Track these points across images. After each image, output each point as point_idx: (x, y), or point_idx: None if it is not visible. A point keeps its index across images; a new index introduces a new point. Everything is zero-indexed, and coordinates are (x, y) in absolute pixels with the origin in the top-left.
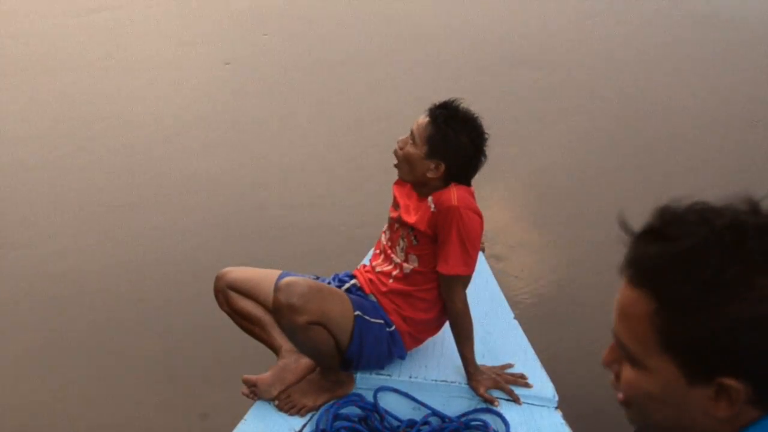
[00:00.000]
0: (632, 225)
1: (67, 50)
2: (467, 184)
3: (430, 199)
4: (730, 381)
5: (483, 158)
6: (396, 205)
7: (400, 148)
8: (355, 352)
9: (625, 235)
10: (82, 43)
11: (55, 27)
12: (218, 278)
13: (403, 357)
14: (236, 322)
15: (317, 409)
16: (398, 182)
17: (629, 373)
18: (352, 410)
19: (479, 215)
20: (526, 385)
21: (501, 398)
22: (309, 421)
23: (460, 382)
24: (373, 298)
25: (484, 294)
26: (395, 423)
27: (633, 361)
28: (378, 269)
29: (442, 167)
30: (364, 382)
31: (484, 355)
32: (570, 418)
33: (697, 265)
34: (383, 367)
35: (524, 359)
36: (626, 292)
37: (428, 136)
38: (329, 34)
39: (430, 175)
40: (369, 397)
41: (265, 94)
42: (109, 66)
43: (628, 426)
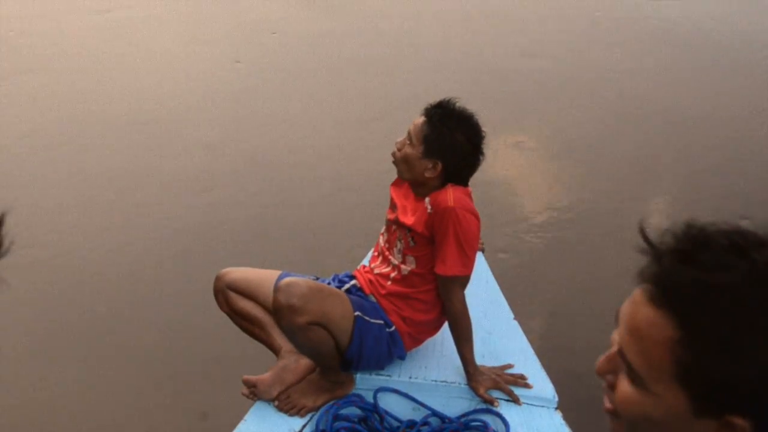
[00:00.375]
0: (653, 236)
1: (82, 48)
2: (465, 183)
3: (427, 200)
4: (738, 420)
5: (481, 156)
6: (393, 207)
7: (398, 149)
8: (355, 353)
9: (644, 245)
10: (97, 40)
11: (71, 25)
12: (218, 278)
13: (402, 357)
14: (236, 322)
15: (317, 409)
16: (395, 184)
17: (627, 390)
18: (351, 411)
19: (476, 216)
20: (526, 386)
21: (501, 399)
22: (309, 421)
23: (459, 383)
24: (373, 299)
25: (484, 294)
26: (395, 423)
27: (636, 380)
28: (376, 271)
29: (439, 166)
30: (364, 383)
31: (483, 355)
32: (570, 418)
33: (737, 304)
34: (383, 368)
35: (524, 360)
36: (645, 310)
37: (424, 136)
38: (337, 32)
39: (428, 174)
40: (369, 397)
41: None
42: (122, 64)
43: None
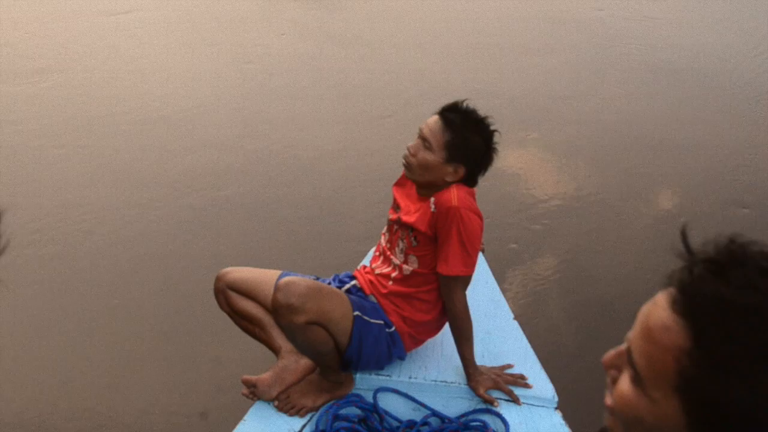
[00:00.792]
0: (693, 243)
1: (96, 48)
2: (476, 183)
3: (432, 199)
4: None
5: (494, 155)
6: (396, 207)
7: (413, 154)
8: (355, 353)
9: (682, 250)
10: (111, 42)
11: (86, 26)
12: (218, 278)
13: (402, 358)
14: (236, 322)
15: (317, 409)
16: (398, 183)
17: (627, 388)
18: (351, 411)
19: (479, 216)
20: (526, 386)
21: (501, 399)
22: (309, 421)
23: (459, 383)
24: (374, 299)
25: (484, 295)
26: (395, 423)
27: (637, 381)
28: (377, 271)
29: (461, 170)
30: (364, 383)
31: (483, 355)
32: (570, 418)
33: (754, 329)
34: (383, 368)
35: (524, 360)
36: (662, 313)
37: (446, 142)
38: (347, 32)
39: (449, 179)
40: (369, 397)
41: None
42: (134, 64)
43: None
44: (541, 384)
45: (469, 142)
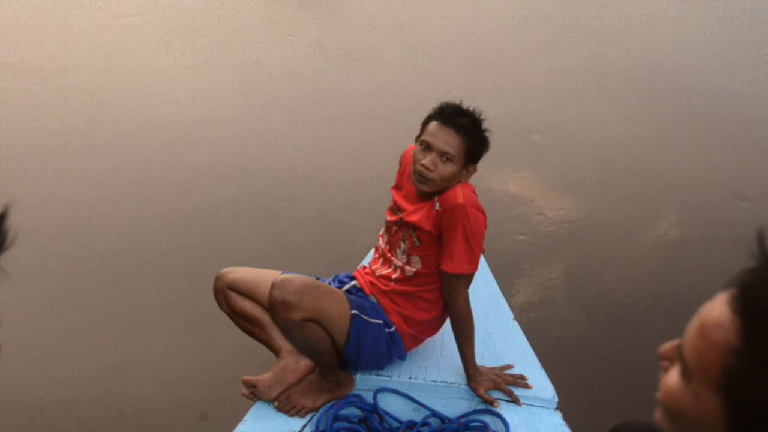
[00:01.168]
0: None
1: (109, 49)
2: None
3: (436, 198)
4: None
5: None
6: (395, 209)
7: (431, 170)
8: (353, 352)
9: (756, 253)
10: (124, 43)
11: (98, 28)
12: (218, 278)
13: (403, 358)
14: (236, 322)
15: (317, 410)
16: (396, 186)
17: (674, 381)
18: (351, 411)
19: (483, 213)
20: (526, 386)
21: (501, 399)
22: (309, 422)
23: (459, 383)
24: (374, 299)
25: (484, 295)
26: (395, 424)
27: (684, 375)
28: (378, 273)
29: (473, 168)
30: (364, 383)
31: (483, 356)
32: (570, 419)
33: None
34: (383, 368)
35: (524, 360)
36: (718, 309)
37: (466, 149)
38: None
39: (463, 179)
40: (369, 398)
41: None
42: (145, 64)
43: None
44: (541, 384)
45: (483, 142)
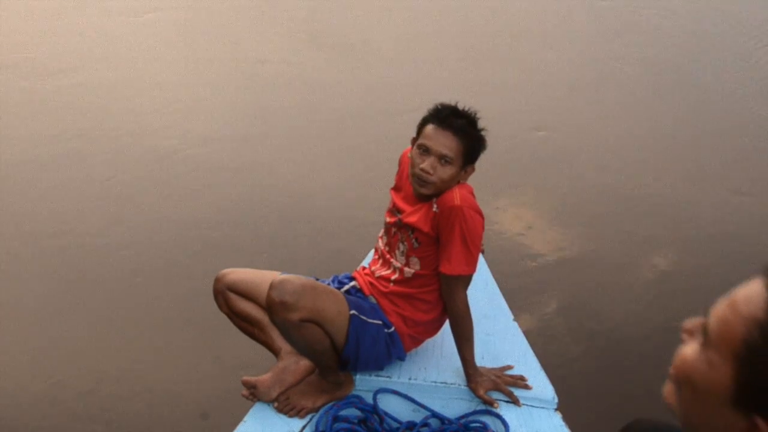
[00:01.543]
0: None
1: (118, 48)
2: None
3: (434, 199)
4: (763, 423)
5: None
6: (394, 211)
7: (430, 173)
8: (352, 352)
9: None
10: (132, 42)
11: (110, 26)
12: (218, 279)
13: (402, 358)
14: (235, 323)
15: (317, 410)
16: (395, 187)
17: (690, 351)
18: (351, 412)
19: (481, 215)
20: (526, 387)
21: (500, 400)
22: (308, 422)
23: (459, 384)
24: (373, 300)
25: (484, 296)
26: (395, 425)
27: (703, 344)
28: (377, 274)
29: (471, 168)
30: (364, 384)
31: (483, 356)
32: (570, 419)
33: None
34: (382, 368)
35: (524, 361)
36: (752, 287)
37: (464, 151)
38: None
39: (462, 180)
40: (368, 398)
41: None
42: (153, 63)
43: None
44: (541, 385)
45: (480, 142)
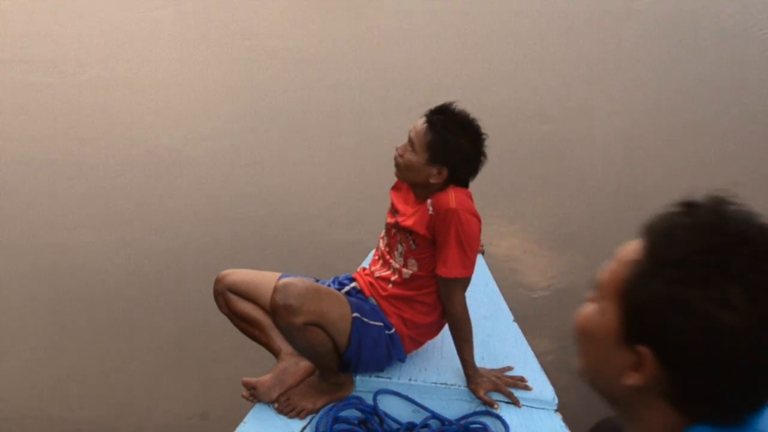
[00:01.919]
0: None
1: (125, 43)
2: (467, 185)
3: (429, 201)
4: (645, 350)
5: (483, 159)
6: (393, 211)
7: (400, 155)
8: (354, 354)
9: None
10: (139, 37)
11: (122, 22)
12: (218, 280)
13: (402, 360)
14: (236, 324)
15: (317, 411)
16: (395, 187)
17: (588, 307)
18: (351, 413)
19: (477, 217)
20: (526, 388)
21: (501, 401)
22: (308, 423)
23: (459, 385)
24: (373, 301)
25: (484, 297)
26: (395, 426)
27: (596, 295)
28: (377, 274)
29: (444, 172)
30: (364, 385)
31: (483, 357)
32: (570, 420)
33: (694, 239)
34: (383, 370)
35: (524, 362)
36: (633, 243)
37: (428, 143)
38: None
39: (432, 180)
40: (368, 399)
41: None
42: (157, 62)
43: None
44: (541, 386)
45: (450, 144)
